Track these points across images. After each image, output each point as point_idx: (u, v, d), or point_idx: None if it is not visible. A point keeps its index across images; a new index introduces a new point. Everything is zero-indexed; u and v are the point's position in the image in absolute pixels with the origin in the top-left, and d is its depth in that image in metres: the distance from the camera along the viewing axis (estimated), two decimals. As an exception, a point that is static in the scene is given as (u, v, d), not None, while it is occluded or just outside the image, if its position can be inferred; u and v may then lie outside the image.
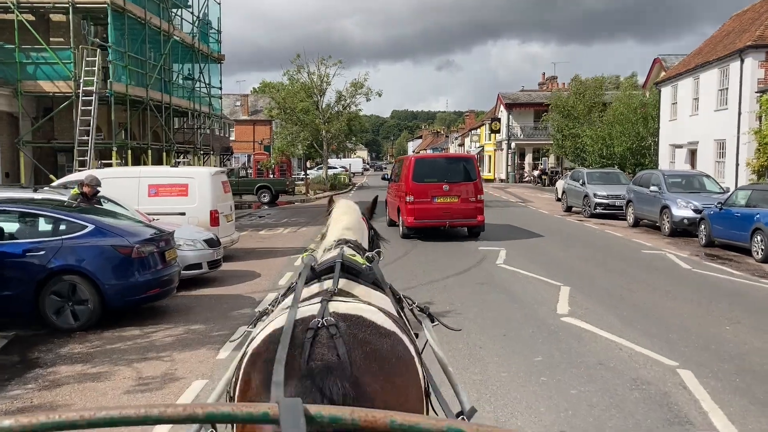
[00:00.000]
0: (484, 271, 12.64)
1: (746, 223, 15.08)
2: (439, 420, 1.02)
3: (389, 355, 2.07)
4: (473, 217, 18.14)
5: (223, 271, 13.01)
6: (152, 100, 21.74)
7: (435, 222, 18.11)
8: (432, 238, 18.02)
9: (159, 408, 0.98)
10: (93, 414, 0.96)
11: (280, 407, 1.00)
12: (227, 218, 14.96)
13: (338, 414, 1.01)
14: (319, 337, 2.01)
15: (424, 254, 15.13)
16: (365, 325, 2.13)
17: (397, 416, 1.00)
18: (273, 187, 36.97)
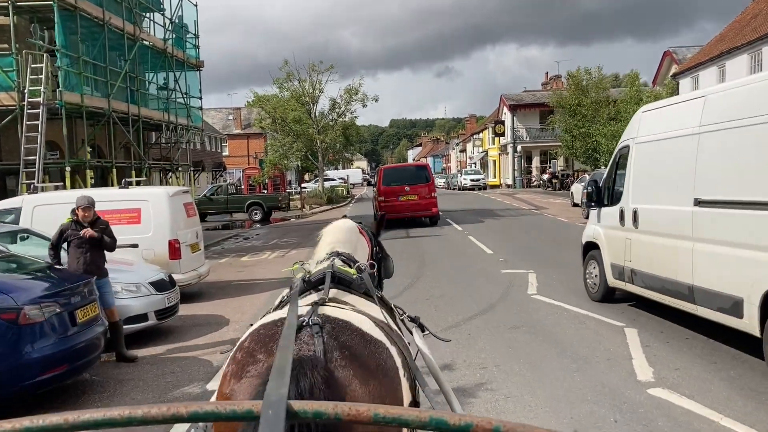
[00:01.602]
0: (516, 307, 9.84)
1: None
2: (423, 411, 1.02)
3: (369, 361, 2.08)
4: (429, 209, 24.21)
5: (182, 317, 10.26)
6: (116, 111, 19.05)
7: (401, 215, 23.35)
8: (439, 259, 15.25)
9: (143, 409, 0.99)
10: (77, 417, 0.97)
11: (263, 404, 1.00)
12: (192, 248, 12.21)
13: (321, 408, 1.01)
14: (300, 334, 2.05)
15: (435, 282, 12.35)
16: (351, 330, 2.17)
17: (380, 409, 1.02)
18: (265, 204, 34.27)
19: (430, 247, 17.90)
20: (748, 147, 6.54)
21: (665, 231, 8.12)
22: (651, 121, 8.96)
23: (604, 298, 9.95)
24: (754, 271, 6.30)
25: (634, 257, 8.94)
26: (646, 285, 8.70)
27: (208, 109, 77.88)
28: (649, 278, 8.51)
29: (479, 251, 16.33)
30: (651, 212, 8.60)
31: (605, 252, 9.85)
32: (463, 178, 57.49)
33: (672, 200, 7.95)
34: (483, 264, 14.38)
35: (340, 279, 2.78)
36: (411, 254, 16.48)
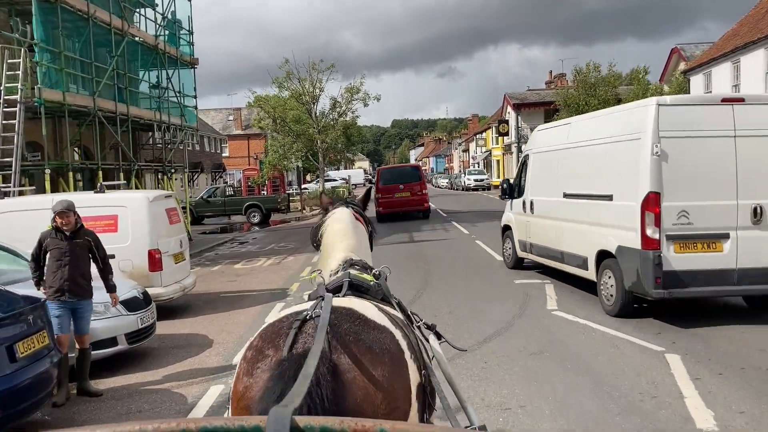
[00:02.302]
0: (536, 327, 8.70)
1: None
2: (426, 427, 1.08)
3: (373, 345, 2.10)
4: (421, 205, 28.14)
5: (160, 337, 9.15)
6: (102, 110, 17.93)
7: (396, 210, 27.40)
8: (446, 268, 14.13)
9: (153, 424, 1.01)
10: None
11: (268, 419, 1.02)
12: (176, 258, 11.10)
13: (328, 424, 1.02)
14: (305, 328, 2.11)
15: (442, 296, 11.22)
16: (354, 316, 2.20)
17: (387, 424, 1.02)
18: (263, 206, 33.18)
19: (436, 253, 16.78)
20: (589, 158, 10.15)
21: (548, 215, 11.67)
22: (541, 138, 12.70)
23: (515, 266, 13.42)
24: (592, 238, 9.74)
25: (532, 234, 12.43)
26: (539, 254, 12.18)
27: (208, 109, 76.96)
28: (541, 248, 12.03)
29: (489, 258, 15.19)
30: (540, 202, 12.10)
31: (515, 231, 13.36)
32: (466, 178, 56.30)
33: (551, 194, 11.46)
34: (494, 273, 13.25)
35: (358, 286, 2.78)
36: (415, 262, 15.36)
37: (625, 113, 9.47)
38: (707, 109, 8.75)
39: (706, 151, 8.38)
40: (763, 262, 8.39)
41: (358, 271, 2.99)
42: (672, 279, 8.26)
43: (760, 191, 8.44)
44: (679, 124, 8.40)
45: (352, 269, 2.97)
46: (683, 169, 8.34)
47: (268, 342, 2.15)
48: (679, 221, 8.33)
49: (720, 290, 8.74)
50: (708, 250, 8.41)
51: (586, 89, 41.41)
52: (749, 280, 8.40)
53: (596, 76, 41.89)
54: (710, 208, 8.39)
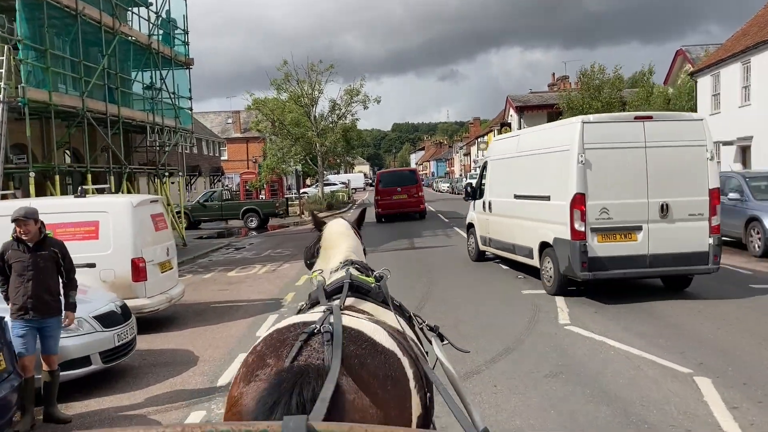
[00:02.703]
0: (548, 344, 8.01)
1: None
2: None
3: (377, 370, 2.07)
4: (417, 207, 30.16)
5: (141, 353, 8.47)
6: (91, 111, 17.27)
7: (394, 211, 29.35)
8: (449, 277, 13.44)
9: (158, 429, 1.01)
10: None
11: (284, 427, 1.02)
12: (162, 267, 10.41)
13: (336, 430, 1.03)
14: (311, 341, 2.08)
15: (446, 307, 10.52)
16: (362, 339, 2.15)
17: (398, 431, 1.03)
18: (261, 210, 32.50)
19: (439, 261, 16.09)
20: (533, 165, 11.84)
21: (503, 213, 13.44)
22: (497, 147, 14.75)
23: (478, 258, 15.36)
24: (536, 232, 11.46)
25: (491, 230, 14.25)
26: (496, 247, 14.04)
27: (206, 112, 76.44)
28: (497, 242, 13.87)
29: (494, 267, 14.49)
30: (497, 203, 13.90)
31: (477, 228, 15.28)
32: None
33: (505, 195, 13.23)
34: (500, 282, 12.55)
35: (358, 287, 2.74)
36: (417, 270, 14.67)
37: (559, 128, 11.45)
38: (623, 125, 10.58)
39: (622, 159, 10.18)
40: (670, 248, 10.20)
41: (359, 271, 2.95)
42: (596, 263, 10.12)
43: (667, 191, 10.23)
44: (600, 138, 10.19)
45: (352, 268, 2.94)
46: (604, 174, 10.10)
47: (272, 350, 2.11)
48: (601, 216, 10.15)
49: (635, 272, 10.45)
50: (625, 239, 10.27)
51: (590, 92, 40.77)
52: (659, 263, 10.27)
53: (601, 78, 41.25)
54: (626, 206, 10.20)
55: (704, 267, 10.38)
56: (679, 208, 10.26)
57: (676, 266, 10.43)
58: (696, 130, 10.52)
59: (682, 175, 10.32)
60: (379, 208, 30.14)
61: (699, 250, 10.27)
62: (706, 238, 10.29)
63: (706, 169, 10.33)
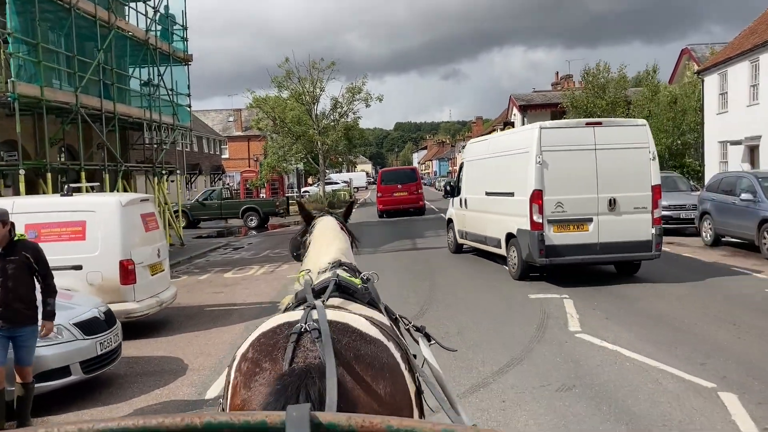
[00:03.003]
0: (559, 353, 7.53)
1: None
2: (436, 424, 1.02)
3: (373, 361, 2.09)
4: (416, 203, 31.69)
5: (128, 360, 8.02)
6: (86, 107, 16.81)
7: (394, 207, 30.89)
8: (452, 280, 12.97)
9: (157, 419, 0.98)
10: (91, 426, 0.97)
11: (288, 416, 1.00)
12: (153, 269, 9.95)
13: (335, 420, 1.01)
14: (302, 341, 2.07)
15: (449, 312, 10.04)
16: (350, 331, 2.17)
17: (393, 421, 1.01)
18: (261, 209, 32.04)
19: (441, 262, 15.63)
20: (500, 165, 13.21)
21: (476, 209, 14.86)
22: (471, 149, 16.23)
23: (456, 251, 16.73)
24: (503, 225, 12.87)
25: (467, 224, 15.73)
26: (471, 239, 15.47)
27: (207, 110, 76.00)
28: (472, 235, 15.28)
29: (499, 269, 14.00)
30: (471, 199, 15.34)
31: (455, 223, 16.72)
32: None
33: (478, 192, 14.66)
34: (505, 286, 12.07)
35: (345, 288, 2.74)
36: (419, 271, 14.20)
37: (521, 133, 13.32)
38: (576, 130, 11.96)
39: (575, 159, 11.51)
40: (617, 237, 11.56)
41: (347, 272, 2.95)
42: (552, 251, 11.50)
43: (614, 187, 11.56)
44: (556, 141, 11.54)
45: (340, 270, 2.94)
46: (559, 173, 11.44)
47: (264, 354, 2.10)
48: (556, 210, 11.54)
49: (587, 258, 11.84)
50: (577, 230, 11.66)
51: (594, 90, 40.24)
52: (608, 251, 11.68)
53: (606, 77, 40.72)
54: (578, 200, 11.57)
55: (648, 254, 11.83)
56: (625, 202, 11.64)
57: (623, 253, 11.89)
58: (640, 134, 11.91)
59: (627, 173, 11.66)
60: (380, 204, 32.07)
61: (643, 239, 11.69)
62: (649, 229, 11.71)
63: (649, 169, 11.71)
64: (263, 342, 2.16)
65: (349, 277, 2.89)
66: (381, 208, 32.04)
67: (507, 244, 12.86)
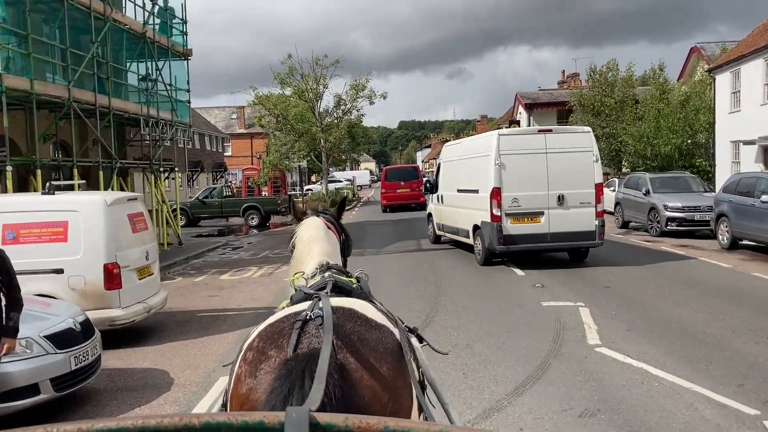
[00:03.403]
0: (578, 371, 6.86)
1: None
2: (432, 425, 1.05)
3: (377, 345, 2.09)
4: (417, 199, 33.60)
5: (110, 372, 7.39)
6: (79, 101, 16.18)
7: (397, 202, 33.47)
8: (459, 284, 12.30)
9: (156, 418, 0.98)
10: (91, 425, 0.97)
11: (287, 417, 1.01)
12: (141, 273, 9.31)
13: (332, 421, 1.02)
14: (307, 328, 2.08)
15: (457, 321, 9.38)
16: (356, 316, 2.17)
17: (390, 422, 1.02)
18: (262, 207, 31.40)
19: (447, 264, 14.96)
20: (468, 166, 15.10)
21: (451, 204, 16.66)
22: (447, 151, 18.23)
23: (435, 241, 18.67)
24: (471, 217, 14.65)
25: (443, 218, 17.57)
26: (447, 231, 17.35)
27: (211, 107, 75.43)
28: (447, 227, 17.23)
29: (508, 272, 13.36)
30: (446, 195, 17.09)
31: (434, 217, 18.54)
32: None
33: (452, 189, 16.51)
34: (516, 291, 11.40)
35: (340, 288, 2.69)
36: (424, 274, 13.54)
37: (484, 138, 15.05)
38: (530, 136, 14.11)
39: (529, 161, 13.33)
40: (565, 228, 13.37)
41: (337, 274, 2.92)
42: (509, 240, 13.37)
43: (562, 185, 13.36)
44: (512, 146, 13.45)
45: (329, 272, 2.91)
46: (515, 173, 13.26)
47: (270, 342, 2.10)
48: (513, 204, 13.36)
49: (539, 246, 13.77)
50: (531, 222, 13.48)
51: (602, 89, 39.54)
52: (557, 239, 13.53)
53: (614, 75, 40.01)
54: (531, 197, 13.36)
55: (592, 242, 13.77)
56: (572, 198, 13.46)
57: (571, 242, 13.79)
58: (585, 139, 13.82)
59: (574, 173, 13.40)
60: (384, 200, 35.17)
61: (588, 229, 13.54)
62: (593, 221, 13.53)
63: (593, 169, 13.55)
64: (269, 331, 2.16)
65: (342, 278, 2.87)
66: (385, 203, 34.94)
67: (474, 234, 14.83)
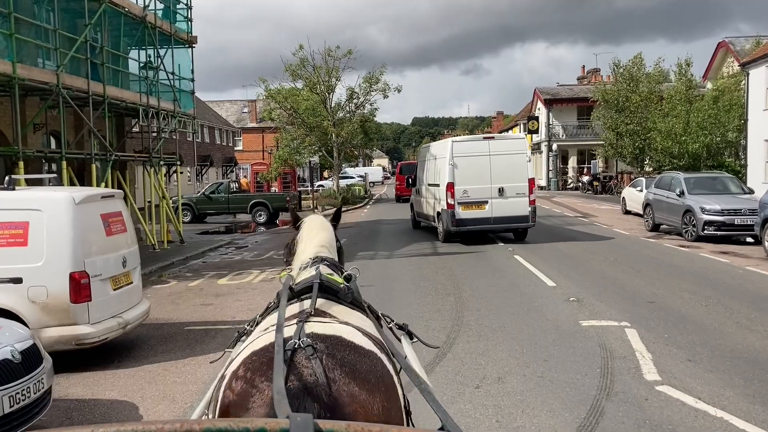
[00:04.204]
0: (639, 417, 5.47)
1: None
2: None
3: (369, 375, 2.07)
4: None
5: (67, 404, 6.10)
6: (69, 88, 14.94)
7: (408, 194, 29.85)
8: (483, 297, 10.91)
9: (156, 424, 0.97)
10: (90, 431, 0.96)
11: (292, 423, 1.00)
12: (115, 282, 8.03)
13: (335, 428, 1.01)
14: (297, 359, 2.01)
15: (483, 345, 8.02)
16: (344, 345, 2.12)
17: (393, 429, 1.03)
18: (271, 204, 30.17)
19: (467, 272, 13.58)
20: (433, 165, 19.54)
21: (423, 195, 20.83)
22: (423, 152, 22.23)
23: (415, 226, 22.88)
24: (434, 206, 19.18)
25: (420, 207, 21.71)
26: (421, 217, 21.59)
27: (222, 101, 74.37)
28: (422, 214, 21.39)
29: (537, 282, 11.97)
30: (422, 188, 21.08)
31: (414, 206, 22.90)
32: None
33: (424, 184, 20.63)
34: (548, 306, 10.00)
35: (327, 288, 2.62)
36: (442, 283, 12.18)
37: (444, 143, 19.12)
38: (477, 142, 18.56)
39: (476, 162, 17.33)
40: (505, 213, 17.42)
41: (328, 270, 2.88)
42: (460, 222, 17.55)
43: (502, 180, 17.32)
44: (463, 150, 17.55)
45: (322, 265, 2.88)
46: (465, 171, 17.31)
47: (259, 374, 1.98)
48: (463, 195, 17.40)
49: (484, 227, 17.85)
50: (477, 208, 17.47)
51: (627, 85, 37.95)
52: (499, 222, 17.65)
53: (639, 70, 38.37)
54: (478, 189, 17.33)
55: (527, 224, 17.85)
56: (510, 190, 17.43)
57: (509, 224, 17.96)
58: (520, 144, 18.58)
59: (511, 171, 17.35)
60: (397, 191, 40.11)
61: (522, 214, 17.55)
62: (527, 207, 17.52)
63: (526, 168, 17.57)
64: (255, 360, 2.04)
65: (330, 276, 2.77)
66: (398, 194, 39.37)
67: (438, 219, 18.90)
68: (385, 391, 2.06)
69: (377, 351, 2.19)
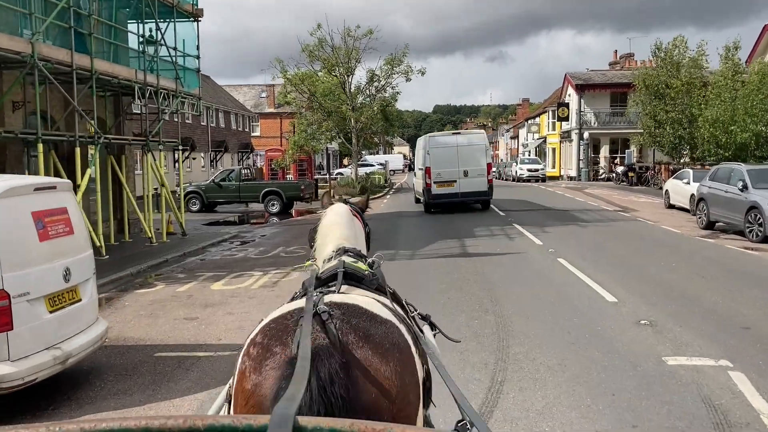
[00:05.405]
0: None
1: None
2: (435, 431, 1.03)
3: (383, 340, 2.05)
4: None
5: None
6: (48, 60, 13.03)
7: None
8: (526, 316, 8.79)
9: (160, 420, 0.98)
10: (93, 426, 0.96)
11: (270, 420, 0.99)
12: (55, 302, 6.08)
13: (337, 426, 1.00)
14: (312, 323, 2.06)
15: (541, 392, 5.97)
16: (360, 312, 2.14)
17: (396, 428, 1.01)
18: (284, 193, 28.27)
19: (503, 279, 11.47)
20: (419, 155, 27.15)
21: (417, 178, 28.68)
22: (420, 143, 27.50)
23: (417, 201, 28.45)
24: (420, 185, 26.56)
25: (415, 187, 29.72)
26: (418, 195, 27.61)
27: (239, 85, 72.55)
28: (417, 192, 28.36)
29: (592, 295, 9.84)
30: (417, 171, 28.82)
31: (415, 187, 29.99)
32: (518, 168, 50.31)
33: (417, 169, 28.48)
34: (616, 332, 7.87)
35: (352, 275, 2.63)
36: (476, 294, 10.09)
37: (424, 138, 26.34)
38: (448, 136, 26.37)
39: (446, 151, 24.40)
40: (470, 189, 24.20)
41: (352, 258, 2.83)
42: (436, 197, 24.40)
43: (467, 165, 24.00)
44: (437, 143, 25.09)
45: (345, 256, 2.83)
46: (438, 158, 24.29)
47: (274, 339, 2.02)
48: (438, 176, 23.97)
49: (453, 200, 24.22)
50: (448, 186, 24.09)
51: (667, 69, 35.35)
52: (465, 196, 24.45)
53: (681, 54, 35.72)
54: (448, 172, 23.93)
55: (486, 197, 24.83)
56: (472, 172, 23.94)
57: (473, 198, 24.63)
58: (480, 137, 26.14)
59: (473, 157, 24.17)
60: None
61: (482, 189, 24.29)
62: (485, 184, 24.24)
63: (485, 155, 24.59)
64: (272, 327, 2.09)
65: (354, 263, 2.73)
66: None
67: (423, 194, 25.01)
68: (400, 358, 2.03)
69: (395, 320, 2.19)
